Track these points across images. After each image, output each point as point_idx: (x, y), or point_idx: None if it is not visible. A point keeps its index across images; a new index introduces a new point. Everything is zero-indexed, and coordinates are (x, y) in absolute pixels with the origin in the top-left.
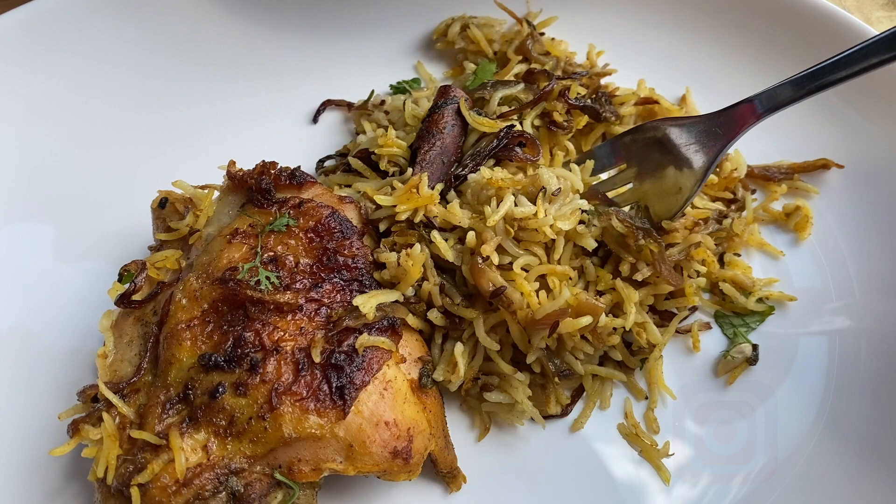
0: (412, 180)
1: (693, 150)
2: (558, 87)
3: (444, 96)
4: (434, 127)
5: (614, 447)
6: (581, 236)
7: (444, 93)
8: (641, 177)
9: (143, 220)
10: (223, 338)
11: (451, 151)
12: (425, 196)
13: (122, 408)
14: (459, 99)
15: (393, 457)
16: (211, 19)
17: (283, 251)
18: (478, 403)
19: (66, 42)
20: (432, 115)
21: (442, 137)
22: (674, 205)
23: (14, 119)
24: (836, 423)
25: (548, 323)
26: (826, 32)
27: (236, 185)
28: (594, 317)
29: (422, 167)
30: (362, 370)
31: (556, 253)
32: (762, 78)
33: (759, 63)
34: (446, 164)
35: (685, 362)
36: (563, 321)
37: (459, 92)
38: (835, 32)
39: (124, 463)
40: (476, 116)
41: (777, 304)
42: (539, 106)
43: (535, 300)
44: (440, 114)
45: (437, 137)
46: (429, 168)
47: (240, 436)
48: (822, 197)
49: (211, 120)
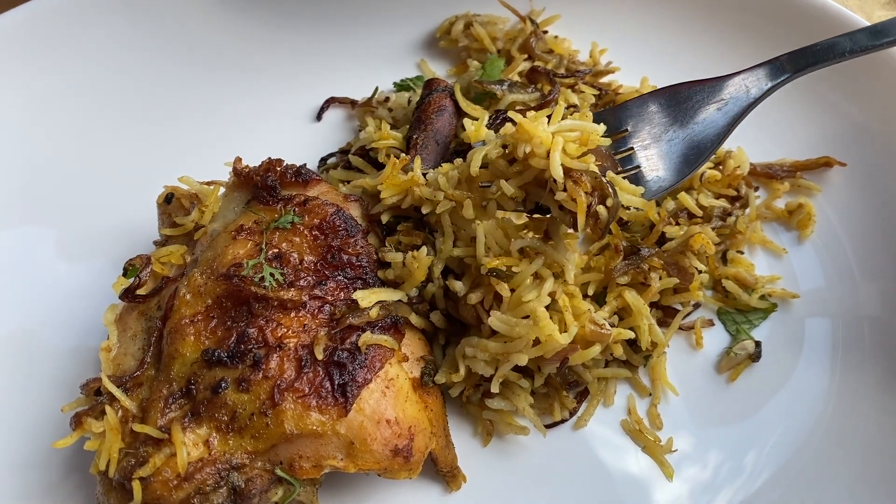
0: (399, 160)
1: (714, 109)
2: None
3: (430, 87)
4: (423, 114)
5: (617, 444)
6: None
7: (431, 84)
8: (651, 140)
9: (149, 216)
10: (227, 333)
11: (445, 133)
12: (409, 178)
13: (124, 401)
14: (449, 87)
15: (394, 455)
16: (216, 17)
17: (288, 248)
18: (479, 411)
19: (73, 40)
20: (421, 103)
21: (432, 121)
22: (687, 169)
23: (22, 116)
24: (840, 421)
25: (557, 360)
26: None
27: (242, 182)
28: (602, 344)
29: (416, 151)
30: (364, 368)
31: (568, 274)
32: None
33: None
34: (441, 146)
35: (688, 359)
36: (573, 354)
37: (445, 82)
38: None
39: (126, 456)
40: (468, 102)
41: (780, 301)
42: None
43: (556, 338)
44: (429, 101)
45: (428, 122)
46: (422, 151)
47: (241, 431)
48: (825, 195)
49: (216, 117)
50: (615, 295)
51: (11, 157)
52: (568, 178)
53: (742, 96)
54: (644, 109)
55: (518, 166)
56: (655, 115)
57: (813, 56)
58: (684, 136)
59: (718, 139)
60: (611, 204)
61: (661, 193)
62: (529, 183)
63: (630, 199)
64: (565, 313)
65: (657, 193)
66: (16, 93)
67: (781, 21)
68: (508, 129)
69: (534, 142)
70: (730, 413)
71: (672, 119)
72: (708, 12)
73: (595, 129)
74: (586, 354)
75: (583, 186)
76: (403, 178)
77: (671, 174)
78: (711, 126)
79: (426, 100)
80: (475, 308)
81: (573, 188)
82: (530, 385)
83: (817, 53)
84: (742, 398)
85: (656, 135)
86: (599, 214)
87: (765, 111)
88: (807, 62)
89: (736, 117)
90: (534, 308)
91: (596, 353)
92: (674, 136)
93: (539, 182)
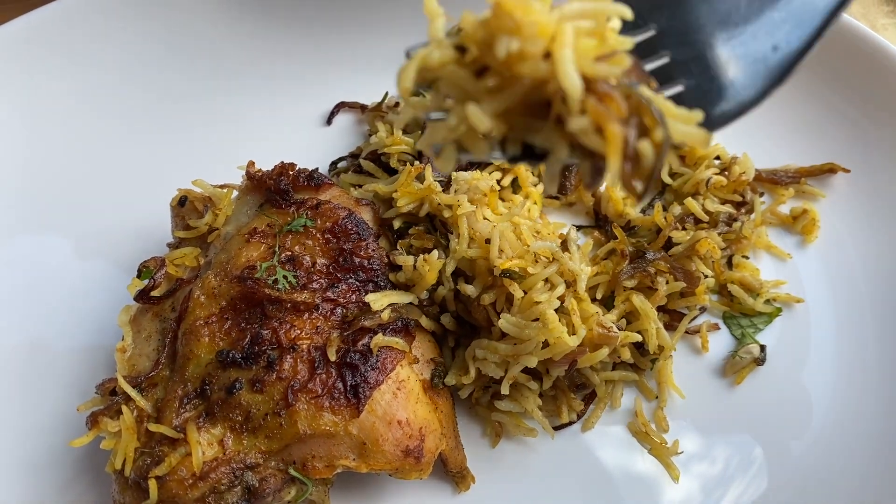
0: (414, 168)
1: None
2: None
3: None
4: None
5: (624, 446)
6: None
7: None
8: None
9: (161, 219)
10: (240, 335)
11: None
12: (425, 186)
13: (139, 401)
14: None
15: (405, 455)
16: (227, 22)
17: (301, 251)
18: (487, 412)
19: (87, 44)
20: None
21: None
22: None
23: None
24: (844, 425)
25: (565, 362)
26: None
27: (255, 186)
28: (610, 347)
29: (429, 158)
30: (376, 370)
31: (580, 285)
32: None
33: None
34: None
35: (694, 362)
36: (581, 357)
37: None
38: (842, 39)
39: (142, 455)
40: None
41: (784, 305)
42: None
43: (565, 339)
44: None
45: None
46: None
47: (255, 431)
48: (829, 200)
49: (226, 121)
50: (623, 299)
51: (28, 160)
52: (590, 95)
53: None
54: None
55: (493, 78)
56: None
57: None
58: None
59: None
60: (659, 138)
61: (732, 120)
62: (515, 107)
63: (686, 130)
64: (574, 316)
65: (727, 120)
66: (30, 97)
67: None
68: (468, 18)
69: (524, 32)
70: (735, 416)
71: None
72: None
73: (616, 8)
74: (594, 357)
75: (615, 108)
76: (419, 186)
77: (740, 88)
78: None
79: None
80: (486, 310)
81: (599, 110)
82: (539, 387)
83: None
84: (747, 401)
85: (704, 32)
86: (641, 154)
87: (770, 117)
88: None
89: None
90: (543, 311)
91: (604, 355)
92: (734, 30)
93: (531, 106)
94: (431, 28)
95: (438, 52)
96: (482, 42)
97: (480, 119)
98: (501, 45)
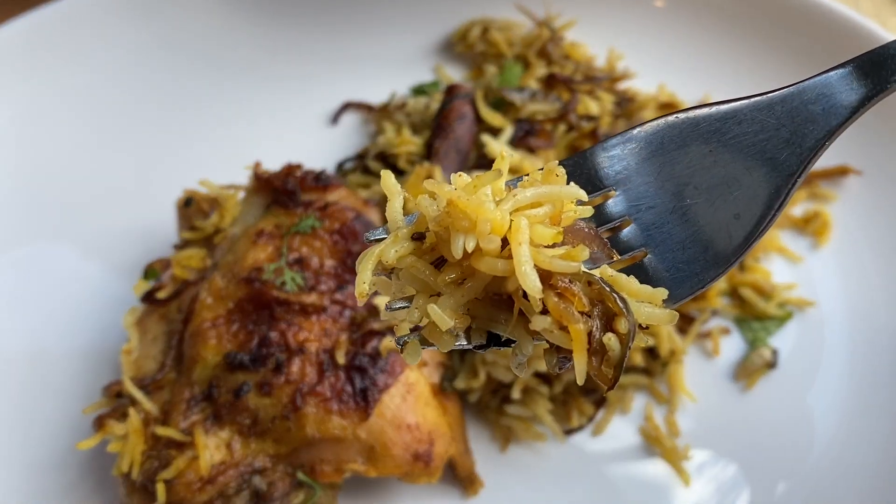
0: (423, 168)
1: (777, 145)
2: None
3: (451, 93)
4: (444, 121)
5: (635, 450)
6: None
7: (452, 90)
8: (655, 201)
9: (167, 220)
10: (248, 337)
11: (466, 141)
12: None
13: (146, 404)
14: (471, 93)
15: (414, 459)
16: (233, 22)
17: (308, 253)
18: (497, 416)
19: (92, 45)
20: (442, 110)
21: (453, 129)
22: (722, 247)
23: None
24: (858, 430)
25: None
26: (846, 37)
27: (262, 186)
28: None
29: (438, 159)
30: (385, 373)
31: None
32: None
33: (780, 67)
34: (462, 154)
35: (705, 366)
36: None
37: (467, 88)
38: (854, 37)
39: (149, 459)
40: (488, 110)
41: (796, 308)
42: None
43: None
44: (450, 108)
45: (449, 130)
46: (444, 159)
47: (263, 435)
48: (841, 202)
49: (233, 121)
50: None
51: (33, 161)
52: (549, 292)
53: (818, 117)
54: (638, 150)
55: (452, 270)
56: (657, 161)
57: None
58: (712, 192)
59: (778, 191)
60: (623, 328)
61: (698, 292)
62: (478, 300)
63: (651, 312)
64: None
65: (690, 293)
66: (32, 98)
67: (799, 27)
68: (425, 204)
69: (479, 230)
70: (746, 420)
71: (685, 165)
72: (725, 17)
73: (571, 192)
74: None
75: (576, 303)
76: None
77: (703, 261)
78: (759, 173)
79: (447, 106)
80: None
81: (561, 309)
82: (549, 391)
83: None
84: (759, 406)
85: (662, 192)
86: (608, 347)
87: None
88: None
89: (810, 151)
90: None
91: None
92: (693, 194)
93: (493, 299)
94: (389, 208)
95: (394, 248)
96: (439, 236)
97: (442, 319)
98: (457, 245)
